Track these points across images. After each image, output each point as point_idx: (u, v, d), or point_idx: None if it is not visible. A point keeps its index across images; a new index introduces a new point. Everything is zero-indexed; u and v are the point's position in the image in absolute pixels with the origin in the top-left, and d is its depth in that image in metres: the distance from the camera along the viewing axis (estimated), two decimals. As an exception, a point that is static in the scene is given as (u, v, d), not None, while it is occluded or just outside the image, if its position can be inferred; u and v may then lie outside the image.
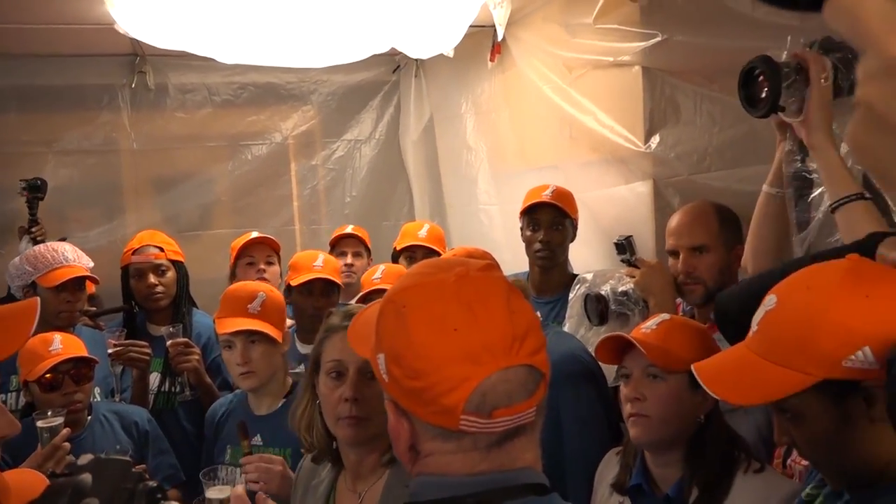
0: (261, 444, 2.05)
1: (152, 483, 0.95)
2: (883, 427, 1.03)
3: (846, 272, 1.09)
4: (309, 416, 1.59)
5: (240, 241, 3.21)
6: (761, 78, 1.51)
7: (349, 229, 3.48)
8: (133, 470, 0.97)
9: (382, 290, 2.54)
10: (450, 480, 0.91)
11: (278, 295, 2.35)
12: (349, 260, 3.35)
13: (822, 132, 1.46)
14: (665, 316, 1.69)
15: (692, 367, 1.19)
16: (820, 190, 1.55)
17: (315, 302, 2.71)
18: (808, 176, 1.59)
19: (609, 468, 1.77)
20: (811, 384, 1.05)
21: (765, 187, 1.74)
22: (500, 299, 0.91)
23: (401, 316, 0.91)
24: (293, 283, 2.77)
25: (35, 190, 3.33)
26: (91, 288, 3.06)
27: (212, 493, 1.73)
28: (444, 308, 0.89)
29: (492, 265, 0.96)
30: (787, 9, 0.91)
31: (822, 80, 1.45)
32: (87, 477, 0.92)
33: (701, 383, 1.16)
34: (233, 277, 3.05)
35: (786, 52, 1.53)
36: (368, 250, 3.46)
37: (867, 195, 1.40)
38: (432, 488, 0.92)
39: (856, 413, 1.05)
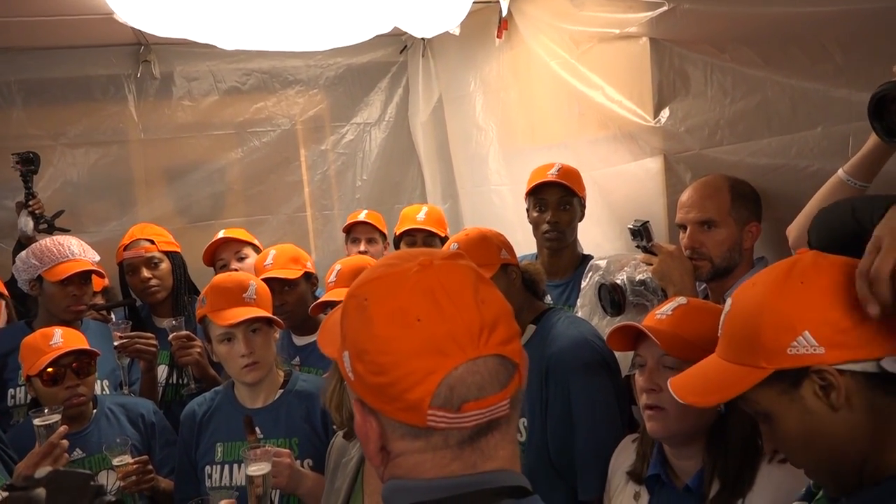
0: (261, 436, 2.02)
1: (110, 498, 0.93)
2: (847, 416, 1.03)
3: (791, 264, 1.10)
4: (338, 396, 1.62)
5: (209, 245, 3.16)
6: None
7: (362, 216, 3.41)
8: (92, 484, 0.94)
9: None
10: (420, 484, 0.86)
11: (261, 282, 2.31)
12: (363, 247, 3.30)
13: None
14: (682, 300, 1.60)
15: (668, 382, 1.22)
16: None
17: (275, 300, 2.54)
18: None
19: (624, 455, 1.70)
20: (763, 378, 1.06)
21: (841, 173, 1.60)
22: (467, 288, 0.85)
23: (363, 310, 0.86)
24: None
25: (28, 163, 3.21)
26: (102, 282, 3.06)
27: (252, 469, 1.80)
28: (406, 299, 0.84)
29: (458, 254, 0.91)
30: None
31: None
32: (41, 491, 0.90)
33: (673, 395, 1.19)
34: None
35: None
36: (384, 235, 3.40)
37: None
38: (402, 493, 0.87)
39: (815, 403, 1.04)
